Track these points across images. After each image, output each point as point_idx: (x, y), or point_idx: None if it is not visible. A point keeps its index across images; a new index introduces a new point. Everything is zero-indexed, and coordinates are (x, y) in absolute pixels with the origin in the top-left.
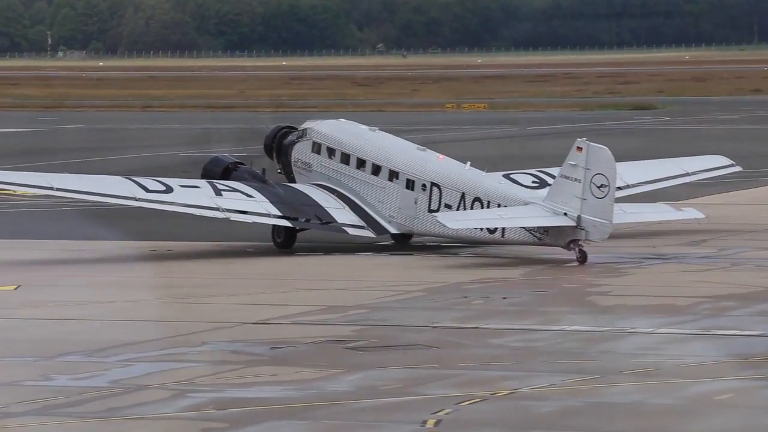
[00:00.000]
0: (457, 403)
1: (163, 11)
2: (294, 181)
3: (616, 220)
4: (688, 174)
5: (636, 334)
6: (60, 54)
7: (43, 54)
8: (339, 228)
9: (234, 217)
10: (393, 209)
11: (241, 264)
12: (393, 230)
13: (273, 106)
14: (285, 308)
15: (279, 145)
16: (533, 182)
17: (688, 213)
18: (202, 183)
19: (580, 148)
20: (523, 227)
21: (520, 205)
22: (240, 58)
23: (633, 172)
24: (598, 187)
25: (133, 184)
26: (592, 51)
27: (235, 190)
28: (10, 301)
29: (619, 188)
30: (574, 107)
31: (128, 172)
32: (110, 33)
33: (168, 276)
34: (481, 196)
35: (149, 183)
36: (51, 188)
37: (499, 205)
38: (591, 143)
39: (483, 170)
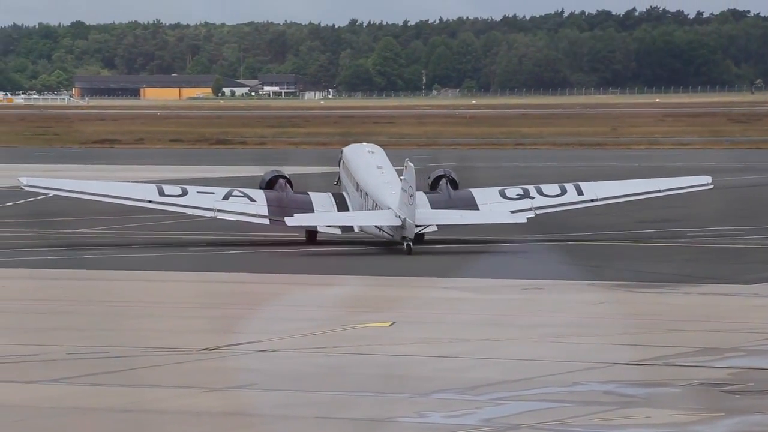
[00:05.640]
0: None
1: (536, 49)
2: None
3: (451, 222)
4: (659, 191)
5: None
6: (434, 92)
7: (417, 93)
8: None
9: (220, 215)
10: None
11: (612, 304)
12: (357, 230)
13: (646, 144)
14: (658, 349)
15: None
16: (517, 194)
17: (516, 218)
18: (219, 190)
19: (406, 166)
20: (374, 225)
21: (384, 210)
22: (613, 95)
23: (608, 189)
24: (410, 196)
25: (155, 188)
26: None
27: (245, 195)
28: (384, 338)
29: (591, 201)
30: None
31: None
32: (483, 71)
33: (538, 315)
34: (378, 203)
35: (169, 189)
36: (79, 192)
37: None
38: (409, 162)
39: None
